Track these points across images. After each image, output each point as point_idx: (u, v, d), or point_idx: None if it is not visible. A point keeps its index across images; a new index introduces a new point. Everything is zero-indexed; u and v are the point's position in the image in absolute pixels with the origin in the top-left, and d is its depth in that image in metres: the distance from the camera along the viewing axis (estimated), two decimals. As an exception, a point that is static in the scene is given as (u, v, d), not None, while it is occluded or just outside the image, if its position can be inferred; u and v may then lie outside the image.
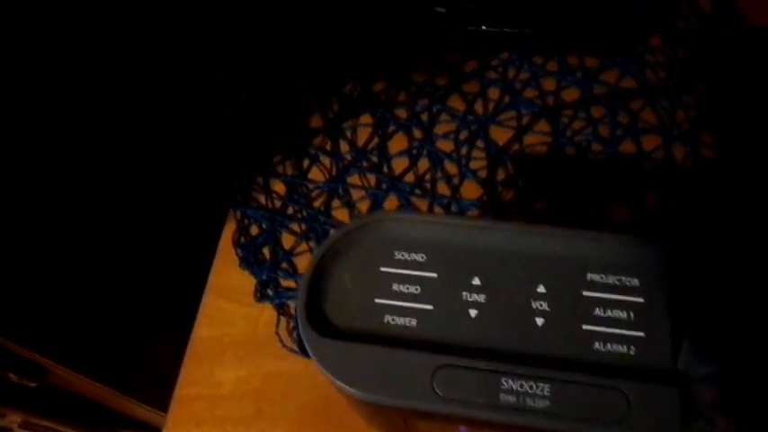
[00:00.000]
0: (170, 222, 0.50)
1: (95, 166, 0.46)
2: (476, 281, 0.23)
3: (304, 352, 0.36)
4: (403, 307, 0.23)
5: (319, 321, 0.23)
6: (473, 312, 0.22)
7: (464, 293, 0.23)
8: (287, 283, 0.39)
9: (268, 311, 0.38)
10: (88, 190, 0.46)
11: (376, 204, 0.41)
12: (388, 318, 0.23)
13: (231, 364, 0.37)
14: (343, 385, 0.21)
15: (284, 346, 0.37)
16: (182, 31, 0.48)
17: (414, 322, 0.23)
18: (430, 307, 0.23)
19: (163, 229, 0.50)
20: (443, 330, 0.22)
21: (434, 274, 0.23)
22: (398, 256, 0.24)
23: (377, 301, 0.23)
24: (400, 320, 0.23)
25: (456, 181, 0.41)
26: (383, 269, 0.24)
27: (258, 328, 0.38)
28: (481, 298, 0.23)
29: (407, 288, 0.23)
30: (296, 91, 0.46)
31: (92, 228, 0.46)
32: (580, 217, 0.39)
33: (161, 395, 0.38)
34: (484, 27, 0.44)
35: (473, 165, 0.41)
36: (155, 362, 0.44)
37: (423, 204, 0.40)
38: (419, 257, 0.24)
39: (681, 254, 0.22)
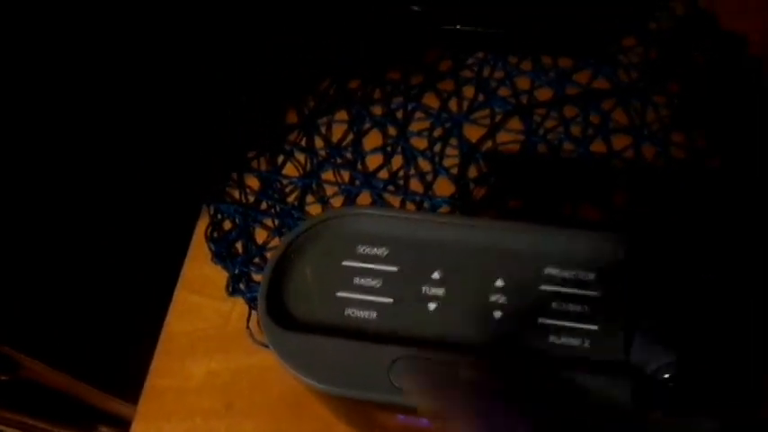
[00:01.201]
0: (143, 216, 0.50)
1: (70, 159, 0.46)
2: (436, 275, 0.23)
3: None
4: (364, 300, 0.23)
5: (280, 314, 0.23)
6: (432, 306, 0.23)
7: (424, 287, 0.23)
8: (259, 277, 0.39)
9: (240, 306, 0.38)
10: (62, 182, 0.46)
11: (349, 200, 0.41)
12: (348, 311, 0.23)
13: (202, 358, 0.37)
14: (301, 376, 0.22)
15: (255, 341, 0.37)
16: (180, 30, 0.48)
17: (374, 315, 0.23)
18: (390, 300, 0.23)
19: (136, 222, 0.50)
20: (402, 323, 0.23)
21: (395, 268, 0.24)
22: (361, 250, 0.24)
23: (338, 294, 0.23)
24: (361, 313, 0.23)
25: (429, 178, 0.41)
26: (345, 263, 0.24)
27: (230, 323, 0.38)
28: (440, 292, 0.23)
29: (369, 281, 0.23)
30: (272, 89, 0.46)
31: (65, 220, 0.46)
32: (551, 215, 0.39)
33: (134, 389, 0.38)
34: (459, 26, 0.44)
35: (446, 162, 0.42)
36: (128, 355, 0.44)
37: (396, 201, 0.41)
38: (381, 252, 0.24)
39: (635, 248, 0.23)
